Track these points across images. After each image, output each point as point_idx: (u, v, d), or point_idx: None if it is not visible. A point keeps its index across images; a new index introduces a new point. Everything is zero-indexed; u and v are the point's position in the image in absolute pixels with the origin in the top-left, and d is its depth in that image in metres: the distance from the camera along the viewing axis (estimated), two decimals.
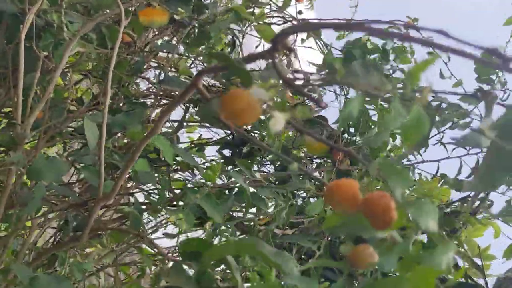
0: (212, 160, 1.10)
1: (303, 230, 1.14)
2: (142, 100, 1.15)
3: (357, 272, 0.98)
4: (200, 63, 1.38)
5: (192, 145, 1.30)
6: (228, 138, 1.32)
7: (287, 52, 0.40)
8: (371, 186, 1.08)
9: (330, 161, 1.23)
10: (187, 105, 1.12)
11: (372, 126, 1.28)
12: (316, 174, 1.28)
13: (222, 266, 0.69)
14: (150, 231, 1.05)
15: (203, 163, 0.98)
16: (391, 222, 0.44)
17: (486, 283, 1.19)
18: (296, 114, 0.40)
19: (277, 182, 1.21)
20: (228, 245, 0.55)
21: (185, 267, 0.61)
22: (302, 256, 1.19)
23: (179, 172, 1.08)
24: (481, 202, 1.23)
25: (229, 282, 0.62)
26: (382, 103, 1.21)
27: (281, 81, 0.42)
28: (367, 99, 1.11)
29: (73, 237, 0.91)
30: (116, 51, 0.84)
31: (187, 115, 1.18)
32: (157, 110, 1.19)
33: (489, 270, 1.41)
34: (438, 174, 1.27)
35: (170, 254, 1.06)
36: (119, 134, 1.13)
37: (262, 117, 1.17)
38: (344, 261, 0.54)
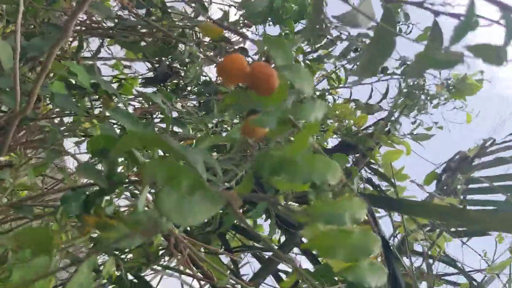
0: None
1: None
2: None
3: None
4: None
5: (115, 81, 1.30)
6: (152, 74, 1.34)
7: None
8: None
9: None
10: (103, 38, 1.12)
11: None
12: None
13: None
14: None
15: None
16: (273, 87, 0.49)
17: (397, 195, 1.31)
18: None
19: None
20: (132, 138, 0.56)
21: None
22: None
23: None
24: (392, 123, 1.34)
25: None
26: None
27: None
28: None
29: None
30: None
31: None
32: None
33: (405, 191, 1.54)
34: (351, 99, 1.36)
35: None
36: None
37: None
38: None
